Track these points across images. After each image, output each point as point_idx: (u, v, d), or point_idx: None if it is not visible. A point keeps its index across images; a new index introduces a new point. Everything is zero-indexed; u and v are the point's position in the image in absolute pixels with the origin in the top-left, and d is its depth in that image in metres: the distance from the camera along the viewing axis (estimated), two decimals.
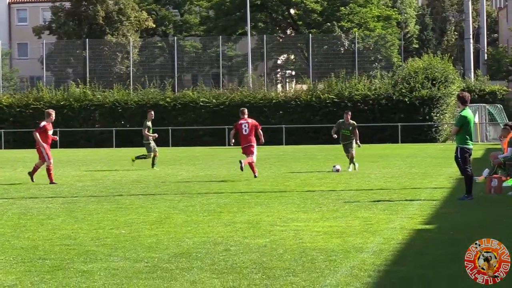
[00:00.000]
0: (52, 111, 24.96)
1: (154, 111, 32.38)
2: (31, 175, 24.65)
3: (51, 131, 24.49)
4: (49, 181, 23.90)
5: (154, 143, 30.85)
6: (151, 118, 31.19)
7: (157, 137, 31.11)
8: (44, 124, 24.26)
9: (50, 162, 24.14)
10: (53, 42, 77.08)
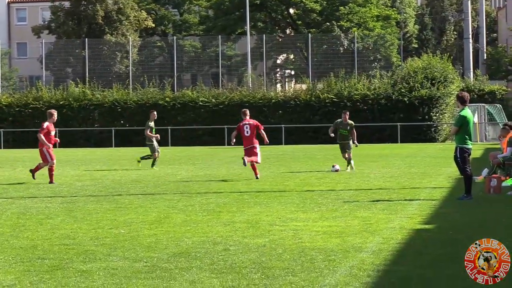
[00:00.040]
0: (54, 111, 24.94)
1: None
2: (33, 172, 24.69)
3: (53, 132, 24.49)
4: (49, 180, 23.91)
5: (156, 143, 30.83)
6: (153, 119, 31.15)
7: (159, 138, 31.06)
8: (47, 125, 24.25)
9: (53, 163, 24.15)
10: (52, 41, 77.05)
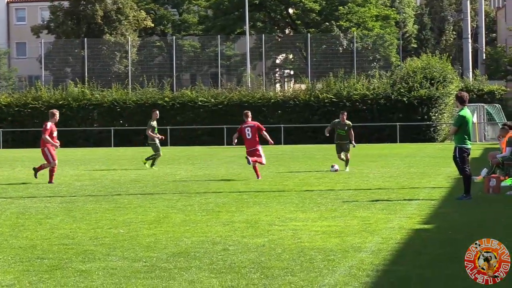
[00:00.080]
0: (56, 111, 24.92)
1: (152, 111, 32.21)
2: (36, 170, 24.63)
3: (55, 132, 24.47)
4: (48, 180, 23.89)
5: (159, 142, 30.78)
6: (156, 118, 31.11)
7: (159, 138, 30.85)
8: (50, 125, 24.22)
9: (54, 163, 24.13)
10: (52, 41, 77.02)
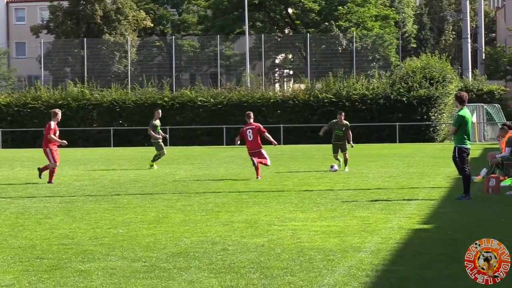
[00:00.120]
0: (58, 111, 24.86)
1: (152, 111, 32.16)
2: (40, 171, 24.55)
3: (57, 132, 24.44)
4: (48, 180, 23.88)
5: (161, 141, 30.78)
6: (158, 117, 31.11)
7: (161, 138, 30.81)
8: (54, 125, 24.19)
9: (55, 165, 24.11)
10: (51, 41, 77.00)
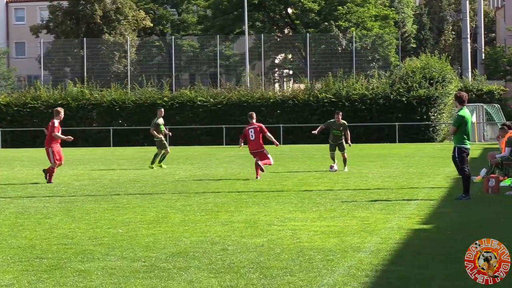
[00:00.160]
0: (61, 109, 24.82)
1: (151, 111, 32.19)
2: (46, 173, 24.33)
3: (60, 130, 24.36)
4: (47, 180, 23.85)
5: (165, 140, 30.78)
6: (160, 116, 31.13)
7: (163, 136, 30.81)
8: (58, 123, 24.11)
9: (55, 165, 24.05)
10: (51, 41, 76.97)
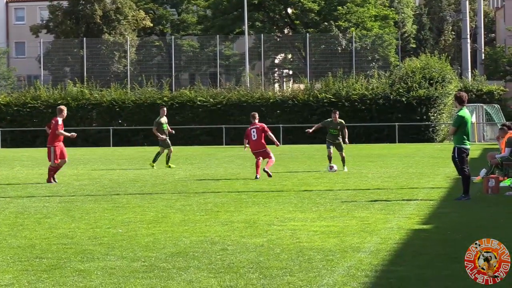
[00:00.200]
0: (64, 107, 24.70)
1: (151, 110, 32.18)
2: (52, 175, 24.25)
3: (63, 129, 24.31)
4: (47, 179, 23.84)
5: (168, 139, 30.79)
6: (163, 114, 31.14)
7: (164, 136, 30.82)
8: (62, 121, 24.05)
9: (55, 164, 24.00)
10: (51, 41, 76.95)
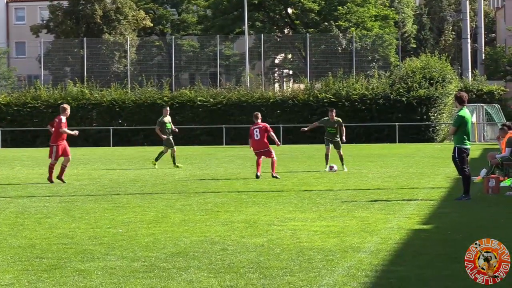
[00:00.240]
0: (67, 106, 24.58)
1: (151, 110, 32.17)
2: (59, 178, 23.87)
3: (66, 127, 24.27)
4: (48, 177, 23.80)
5: (171, 138, 30.80)
6: (166, 114, 31.14)
7: (166, 136, 30.83)
8: (65, 119, 23.98)
9: (55, 162, 23.99)
10: (51, 41, 76.94)
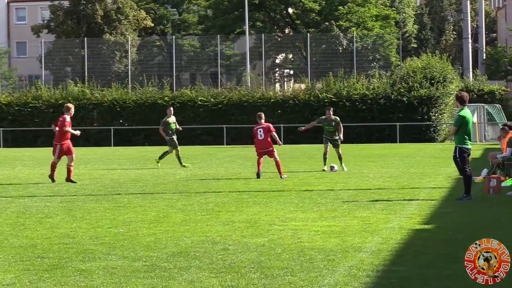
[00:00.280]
0: (72, 105, 24.48)
1: (152, 110, 32.16)
2: (68, 179, 23.83)
3: (70, 126, 24.23)
4: (50, 174, 23.78)
5: (175, 138, 30.81)
6: (171, 114, 31.15)
7: (168, 137, 30.85)
8: (69, 118, 23.93)
9: (57, 161, 23.98)
10: (52, 41, 76.97)
